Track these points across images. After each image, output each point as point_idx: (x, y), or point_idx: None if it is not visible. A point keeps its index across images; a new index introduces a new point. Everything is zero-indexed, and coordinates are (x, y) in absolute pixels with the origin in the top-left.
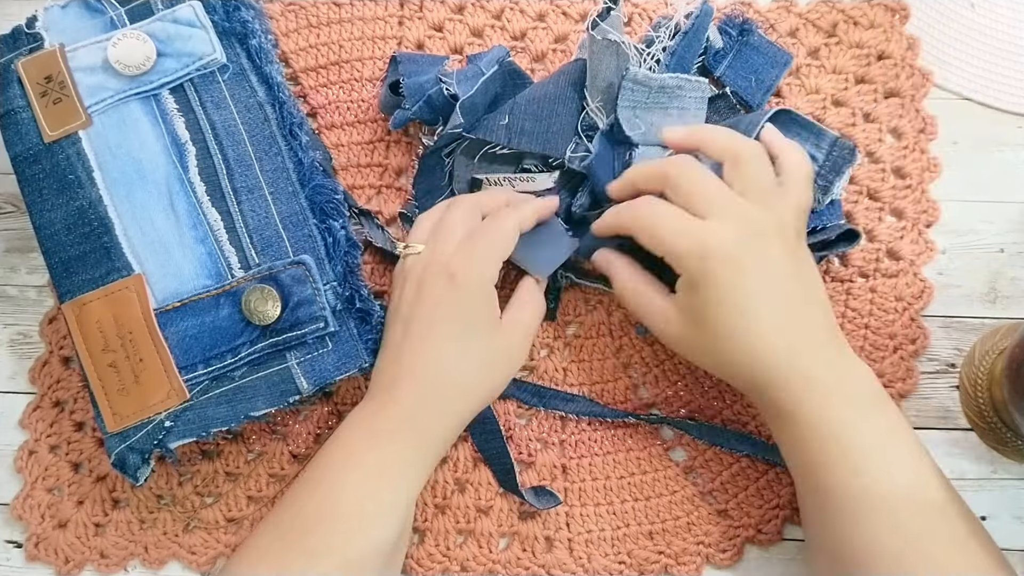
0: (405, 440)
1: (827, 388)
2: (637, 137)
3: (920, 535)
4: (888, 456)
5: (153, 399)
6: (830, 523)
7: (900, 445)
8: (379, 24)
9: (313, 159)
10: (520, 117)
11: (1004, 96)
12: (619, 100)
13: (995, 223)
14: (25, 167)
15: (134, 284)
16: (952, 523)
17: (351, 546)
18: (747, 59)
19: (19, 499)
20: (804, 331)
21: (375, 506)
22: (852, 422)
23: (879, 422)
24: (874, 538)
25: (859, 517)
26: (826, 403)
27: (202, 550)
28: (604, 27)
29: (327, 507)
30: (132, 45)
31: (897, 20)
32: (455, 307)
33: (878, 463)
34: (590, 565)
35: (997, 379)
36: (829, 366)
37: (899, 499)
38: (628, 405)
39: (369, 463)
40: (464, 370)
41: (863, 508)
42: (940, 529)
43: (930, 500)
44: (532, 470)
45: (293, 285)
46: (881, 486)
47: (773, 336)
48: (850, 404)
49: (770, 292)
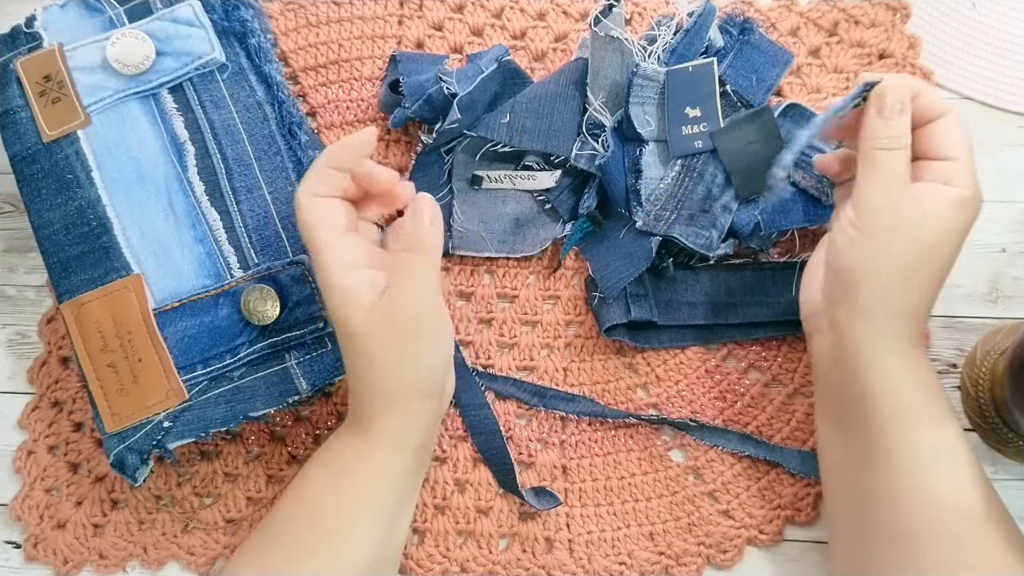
0: (363, 441)
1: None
2: (647, 134)
3: (970, 545)
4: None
5: (152, 399)
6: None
7: (961, 448)
8: (379, 23)
9: (312, 159)
10: (521, 115)
11: (1005, 95)
12: (629, 97)
13: (996, 223)
14: (24, 167)
15: (133, 284)
16: (997, 532)
17: (332, 548)
18: (748, 58)
19: (18, 499)
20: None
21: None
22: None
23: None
24: (916, 528)
25: (908, 505)
26: (920, 366)
27: (201, 551)
28: (607, 23)
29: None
30: (131, 44)
31: (898, 19)
32: None
33: (936, 465)
34: (590, 566)
35: (998, 379)
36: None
37: (950, 510)
38: (629, 405)
39: (338, 468)
40: (360, 379)
41: (914, 497)
42: (988, 536)
43: (976, 507)
44: (532, 470)
45: (292, 285)
46: (935, 487)
47: (933, 286)
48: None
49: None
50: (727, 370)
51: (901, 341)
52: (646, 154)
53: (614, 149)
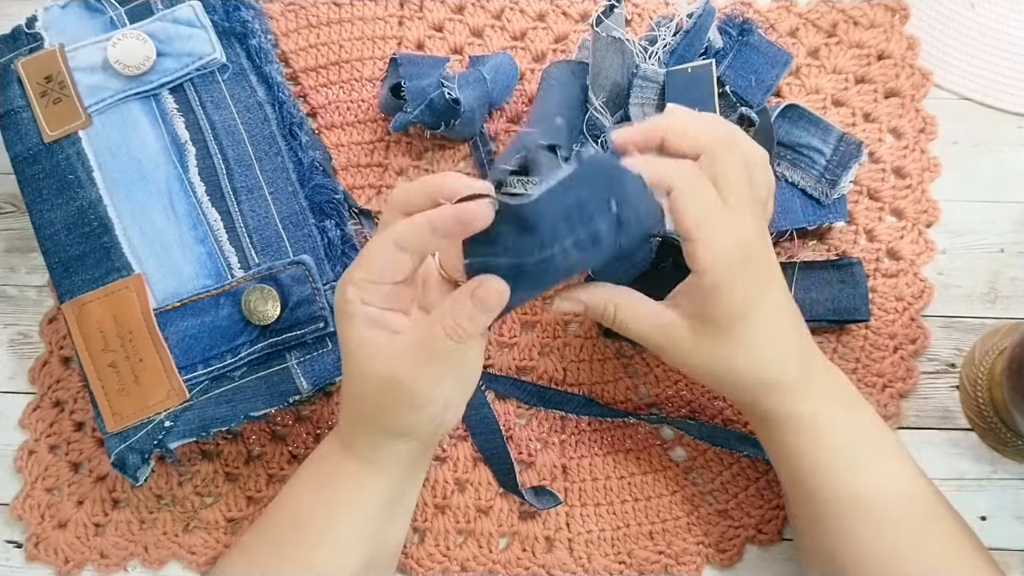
0: (347, 457)
1: (824, 389)
2: None
3: (912, 534)
4: (876, 455)
5: (153, 399)
6: (821, 527)
7: (887, 446)
8: (379, 24)
9: (313, 159)
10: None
11: (1004, 96)
12: (630, 98)
13: (995, 223)
14: (25, 167)
15: (134, 284)
16: (943, 522)
17: (316, 554)
18: (747, 59)
19: (19, 499)
20: (805, 334)
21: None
22: (843, 423)
23: (864, 423)
24: (866, 538)
25: (851, 518)
26: (822, 403)
27: (202, 550)
28: (608, 24)
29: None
30: (132, 45)
31: (897, 20)
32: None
33: (868, 462)
34: (590, 565)
35: (997, 379)
36: (823, 369)
37: (890, 498)
38: (628, 405)
39: (323, 474)
40: (348, 402)
41: (855, 508)
42: (931, 528)
43: (920, 500)
44: (532, 470)
45: (293, 285)
46: (871, 485)
47: (792, 337)
48: (841, 405)
49: (786, 294)
50: None
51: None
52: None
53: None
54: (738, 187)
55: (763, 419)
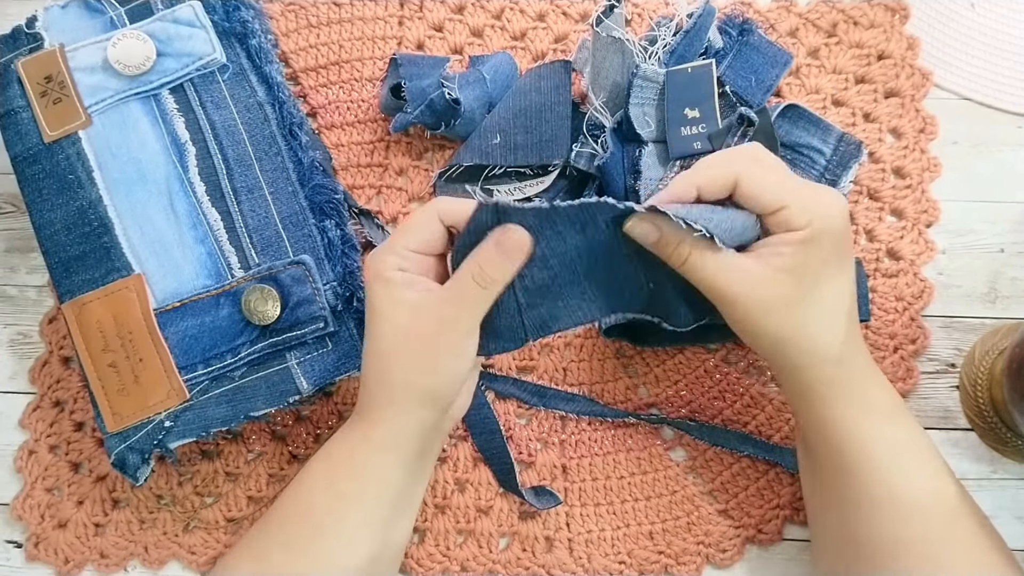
0: (360, 439)
1: (867, 367)
2: (647, 135)
3: (940, 533)
4: (911, 454)
5: (153, 399)
6: (849, 512)
7: (927, 440)
8: (379, 24)
9: (313, 159)
10: (511, 133)
11: (1004, 96)
12: (630, 98)
13: (995, 223)
14: (25, 167)
15: (134, 284)
16: (970, 524)
17: (324, 546)
18: (747, 59)
19: (19, 499)
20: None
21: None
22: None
23: (910, 421)
24: (893, 531)
25: (880, 509)
26: (868, 382)
27: (202, 550)
28: (609, 24)
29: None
30: (132, 45)
31: (897, 20)
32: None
33: (902, 462)
34: (590, 565)
35: (997, 379)
36: (866, 350)
37: (923, 492)
38: (628, 405)
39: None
40: (373, 367)
41: (886, 500)
42: (962, 523)
43: (952, 496)
44: (532, 470)
45: (293, 285)
46: (904, 482)
47: (849, 307)
48: (880, 386)
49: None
50: (726, 370)
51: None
52: (645, 155)
53: (613, 150)
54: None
55: (807, 388)
